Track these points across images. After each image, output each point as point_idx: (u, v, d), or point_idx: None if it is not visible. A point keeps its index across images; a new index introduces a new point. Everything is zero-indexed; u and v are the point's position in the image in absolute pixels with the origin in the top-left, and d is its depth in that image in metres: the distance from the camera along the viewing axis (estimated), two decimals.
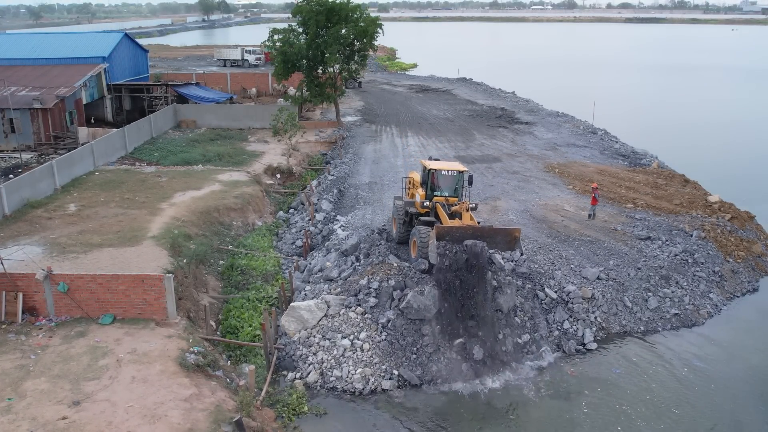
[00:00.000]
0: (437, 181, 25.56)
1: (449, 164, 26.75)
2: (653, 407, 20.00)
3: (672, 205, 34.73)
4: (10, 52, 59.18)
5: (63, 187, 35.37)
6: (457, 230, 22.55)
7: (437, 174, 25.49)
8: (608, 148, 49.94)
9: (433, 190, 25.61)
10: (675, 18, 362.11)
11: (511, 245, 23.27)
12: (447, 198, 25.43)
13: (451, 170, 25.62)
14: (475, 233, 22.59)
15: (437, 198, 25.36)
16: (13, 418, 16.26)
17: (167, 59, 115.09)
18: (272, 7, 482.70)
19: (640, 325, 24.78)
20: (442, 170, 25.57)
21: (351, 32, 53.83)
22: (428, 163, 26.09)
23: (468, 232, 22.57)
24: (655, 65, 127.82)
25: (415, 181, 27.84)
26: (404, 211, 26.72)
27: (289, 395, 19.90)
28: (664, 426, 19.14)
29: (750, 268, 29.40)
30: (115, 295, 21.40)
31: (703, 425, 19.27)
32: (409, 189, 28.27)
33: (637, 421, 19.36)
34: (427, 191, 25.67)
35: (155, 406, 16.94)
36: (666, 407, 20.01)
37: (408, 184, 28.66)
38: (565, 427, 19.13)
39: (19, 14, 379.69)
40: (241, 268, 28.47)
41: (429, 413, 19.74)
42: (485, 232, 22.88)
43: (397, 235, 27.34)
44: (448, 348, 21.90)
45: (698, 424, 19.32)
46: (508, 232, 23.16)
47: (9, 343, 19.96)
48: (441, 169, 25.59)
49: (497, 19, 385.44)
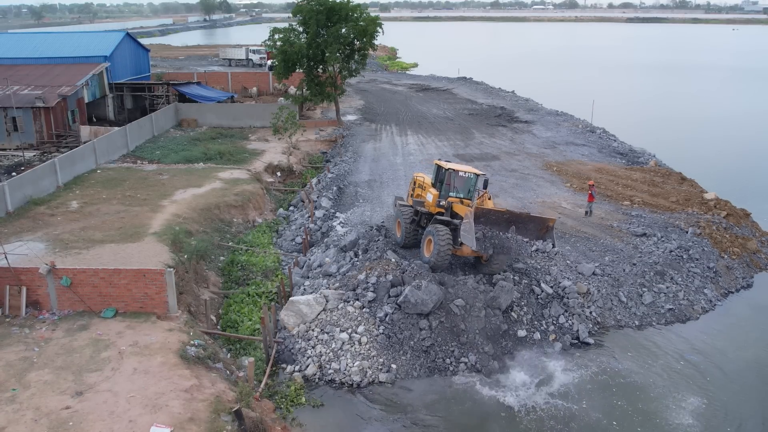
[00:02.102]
0: (453, 182, 25.68)
1: (466, 167, 26.97)
2: (648, 400, 20.31)
3: (668, 202, 35.04)
4: (13, 51, 59.63)
5: (65, 185, 35.76)
6: (495, 213, 22.93)
7: (454, 175, 25.68)
8: (606, 147, 50.26)
9: (447, 190, 25.72)
10: (676, 18, 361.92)
11: (542, 234, 23.55)
12: (461, 199, 25.50)
13: (468, 172, 25.87)
14: (511, 217, 23.00)
15: (451, 198, 25.46)
16: (17, 408, 16.63)
17: (168, 59, 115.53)
18: (273, 7, 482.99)
19: (635, 319, 25.10)
20: (459, 171, 25.80)
21: (351, 31, 54.15)
22: (444, 164, 26.28)
23: (504, 216, 22.96)
24: (654, 65, 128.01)
25: (423, 182, 27.90)
26: (413, 210, 26.82)
27: (288, 387, 20.26)
28: (659, 419, 19.44)
29: (745, 265, 29.69)
30: (117, 289, 21.75)
31: (698, 418, 19.54)
32: (415, 190, 28.39)
33: (633, 415, 19.64)
34: (442, 191, 25.79)
35: (156, 397, 17.29)
36: (661, 400, 20.31)
37: (413, 186, 28.75)
38: (562, 421, 19.42)
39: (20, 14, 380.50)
40: (241, 264, 28.85)
41: (425, 406, 20.06)
42: (521, 218, 23.31)
43: (403, 238, 27.17)
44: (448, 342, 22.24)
45: (693, 416, 19.59)
46: (542, 221, 23.61)
47: (13, 336, 20.33)
48: (458, 170, 25.81)
49: (498, 18, 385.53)
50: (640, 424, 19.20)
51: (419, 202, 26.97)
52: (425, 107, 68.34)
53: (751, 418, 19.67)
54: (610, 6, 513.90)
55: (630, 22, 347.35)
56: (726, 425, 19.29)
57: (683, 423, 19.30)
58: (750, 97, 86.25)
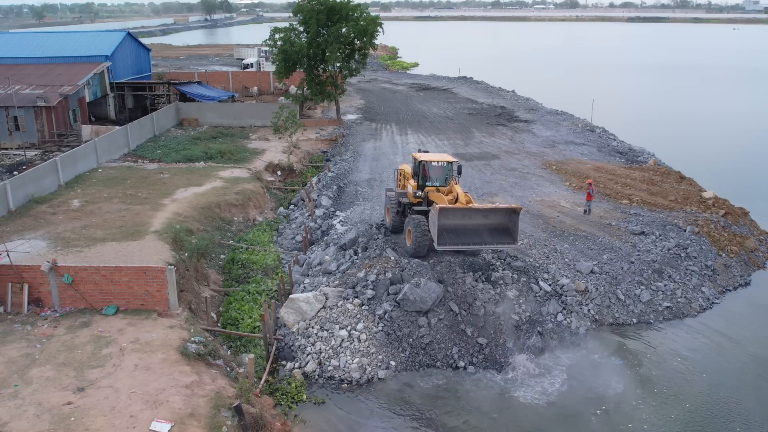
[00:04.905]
0: (428, 172, 26.70)
1: (439, 156, 27.77)
2: (645, 398, 20.45)
3: (667, 201, 35.17)
4: (14, 51, 59.79)
5: (67, 184, 35.94)
6: (459, 210, 23.96)
7: (428, 165, 26.66)
8: (606, 146, 50.37)
9: (424, 180, 26.73)
10: (677, 17, 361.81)
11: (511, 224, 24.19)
12: (438, 188, 26.59)
13: (441, 161, 26.86)
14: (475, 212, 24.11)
15: (428, 188, 26.61)
16: (19, 404, 16.81)
17: (169, 58, 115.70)
18: (274, 7, 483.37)
19: (633, 317, 25.22)
20: (433, 161, 26.77)
21: (351, 31, 54.29)
22: (419, 155, 27.29)
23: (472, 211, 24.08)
24: (655, 64, 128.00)
25: (406, 172, 28.82)
26: (397, 201, 28.06)
27: (288, 384, 20.43)
28: (656, 416, 19.58)
29: (743, 263, 29.81)
30: (118, 286, 21.93)
31: (696, 414, 19.69)
32: (401, 181, 29.30)
33: (630, 412, 19.79)
34: (419, 182, 26.82)
35: (157, 392, 17.47)
36: (659, 397, 20.46)
37: (399, 176, 29.68)
38: (560, 418, 19.57)
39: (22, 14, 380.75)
40: (241, 263, 29.02)
41: (424, 402, 20.22)
42: (487, 211, 24.38)
43: (391, 224, 28.75)
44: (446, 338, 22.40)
45: (691, 412, 19.74)
46: (509, 210, 24.33)
47: (15, 333, 20.51)
48: (431, 161, 26.77)
49: (499, 18, 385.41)
50: (637, 421, 19.34)
51: (402, 194, 28.15)
52: (425, 106, 68.47)
53: (750, 416, 19.79)
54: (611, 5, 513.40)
55: (631, 21, 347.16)
56: (725, 423, 19.41)
57: (681, 420, 19.45)
58: (749, 97, 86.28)
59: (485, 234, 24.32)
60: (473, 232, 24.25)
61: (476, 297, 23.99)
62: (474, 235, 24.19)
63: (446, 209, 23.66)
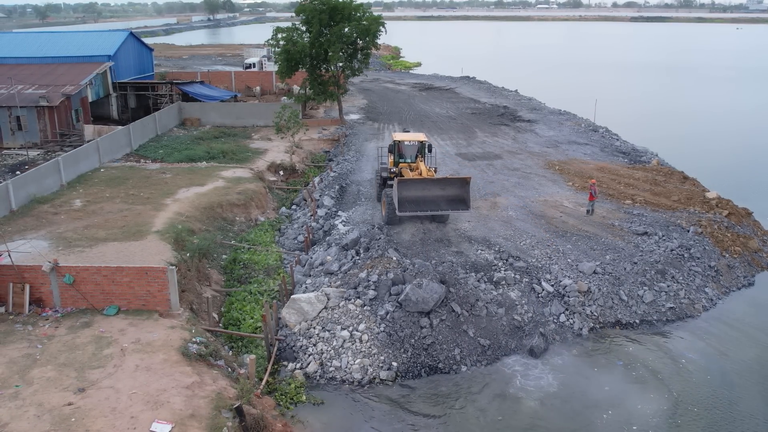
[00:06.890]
0: (402, 150, 31.28)
1: (412, 135, 32.47)
2: (648, 399, 20.36)
3: (670, 201, 35.03)
4: (17, 51, 59.88)
5: (69, 184, 35.95)
6: (415, 181, 28.18)
7: (401, 144, 31.30)
8: (609, 146, 50.21)
9: (400, 157, 31.30)
10: (680, 17, 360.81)
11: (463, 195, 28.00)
12: (410, 164, 30.95)
13: (412, 140, 31.37)
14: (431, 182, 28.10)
15: (402, 164, 31.03)
16: (20, 404, 16.79)
17: (172, 58, 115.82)
18: (277, 6, 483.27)
19: (636, 318, 25.11)
20: (405, 141, 31.37)
21: (354, 31, 54.22)
22: (395, 135, 32.26)
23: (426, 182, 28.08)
24: (658, 64, 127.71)
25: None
26: (379, 176, 32.66)
27: (289, 385, 20.38)
28: (659, 417, 19.49)
29: (746, 264, 29.68)
30: (120, 286, 21.91)
31: (699, 415, 19.61)
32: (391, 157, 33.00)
33: (633, 413, 19.71)
34: (395, 158, 31.35)
35: (158, 393, 17.43)
36: (662, 398, 20.37)
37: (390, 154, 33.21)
38: (562, 418, 19.51)
39: (25, 14, 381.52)
40: (243, 263, 28.99)
41: (425, 403, 20.15)
42: (439, 181, 28.43)
43: (376, 193, 33.87)
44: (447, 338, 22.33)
45: (695, 414, 19.66)
46: (459, 179, 28.40)
47: (16, 333, 20.50)
48: (404, 140, 31.39)
49: (502, 18, 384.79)
50: (640, 423, 19.25)
51: (384, 169, 32.34)
52: (428, 106, 68.36)
53: (753, 417, 19.70)
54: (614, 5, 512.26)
55: (634, 21, 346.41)
56: (729, 424, 19.32)
57: (684, 421, 19.36)
58: (752, 97, 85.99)
59: (442, 203, 28.25)
60: (432, 201, 28.20)
61: (478, 298, 23.97)
62: (432, 204, 28.17)
63: (403, 181, 27.76)
